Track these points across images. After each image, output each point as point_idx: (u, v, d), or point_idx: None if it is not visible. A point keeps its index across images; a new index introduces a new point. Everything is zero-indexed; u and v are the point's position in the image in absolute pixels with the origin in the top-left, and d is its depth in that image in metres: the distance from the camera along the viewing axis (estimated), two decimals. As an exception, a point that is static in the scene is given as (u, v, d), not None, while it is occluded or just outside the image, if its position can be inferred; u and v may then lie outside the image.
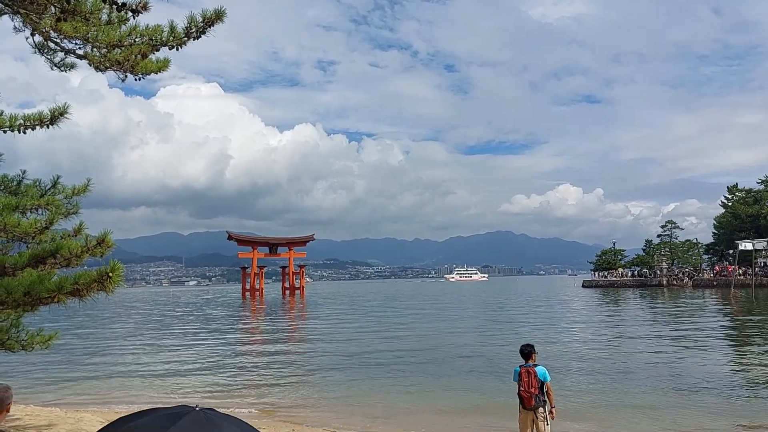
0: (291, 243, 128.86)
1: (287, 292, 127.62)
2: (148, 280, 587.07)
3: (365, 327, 40.13)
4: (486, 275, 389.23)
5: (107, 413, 14.03)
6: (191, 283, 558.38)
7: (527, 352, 8.90)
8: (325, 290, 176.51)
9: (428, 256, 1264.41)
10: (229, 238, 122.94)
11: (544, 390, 8.60)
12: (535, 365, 8.75)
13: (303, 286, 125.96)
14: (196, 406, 3.54)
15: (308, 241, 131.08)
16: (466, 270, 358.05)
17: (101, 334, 42.07)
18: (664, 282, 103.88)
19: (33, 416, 13.34)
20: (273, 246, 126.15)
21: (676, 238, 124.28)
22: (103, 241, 7.10)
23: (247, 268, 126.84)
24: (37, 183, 9.27)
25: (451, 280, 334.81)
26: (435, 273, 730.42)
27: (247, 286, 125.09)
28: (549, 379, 8.69)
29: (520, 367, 8.83)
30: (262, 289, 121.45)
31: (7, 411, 4.32)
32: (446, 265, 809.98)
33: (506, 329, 35.76)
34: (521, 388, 8.64)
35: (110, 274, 6.05)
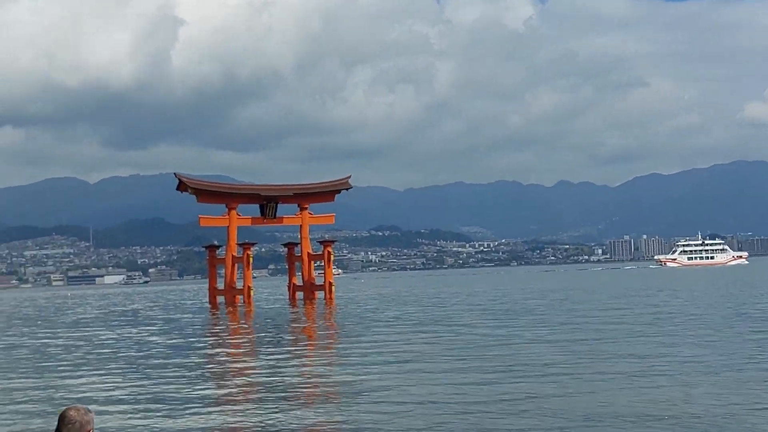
0: (305, 196, 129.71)
1: (299, 294, 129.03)
2: (22, 274, 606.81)
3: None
4: (745, 254, 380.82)
5: None
6: (109, 279, 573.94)
7: None
8: (378, 290, 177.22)
9: (590, 219, 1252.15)
10: (181, 187, 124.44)
11: None
12: None
13: (331, 283, 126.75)
14: None
15: (339, 192, 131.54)
16: (702, 244, 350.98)
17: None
18: None
19: None
20: (269, 202, 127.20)
21: None
22: None
23: (217, 247, 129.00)
24: None
25: (667, 264, 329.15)
26: (604, 251, 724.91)
27: (220, 284, 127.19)
28: None
29: None
30: (250, 289, 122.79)
31: None
32: (627, 236, 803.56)
33: None
34: None
35: None
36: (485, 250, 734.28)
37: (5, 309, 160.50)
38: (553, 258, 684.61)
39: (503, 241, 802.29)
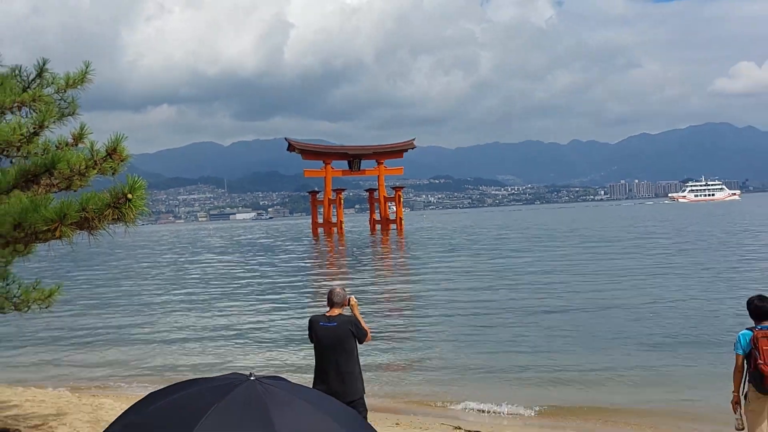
0: (381, 154, 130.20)
1: (377, 226, 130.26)
2: (176, 213, 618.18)
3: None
4: (737, 192, 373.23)
5: (132, 398, 15.13)
6: (239, 216, 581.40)
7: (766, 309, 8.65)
8: (436, 223, 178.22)
9: (594, 169, 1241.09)
10: (290, 148, 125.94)
11: None
12: None
13: (401, 218, 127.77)
14: (251, 375, 3.71)
15: (406, 150, 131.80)
16: (705, 185, 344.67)
17: (119, 288, 45.21)
18: None
19: (35, 402, 14.57)
20: (354, 159, 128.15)
21: None
22: (114, 150, 7.35)
23: (317, 192, 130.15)
24: (17, 71, 9.61)
25: (680, 200, 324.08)
26: (606, 193, 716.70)
27: (320, 219, 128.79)
28: None
29: (753, 330, 8.66)
30: (342, 222, 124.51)
31: None
32: (623, 181, 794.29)
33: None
34: (759, 361, 8.48)
35: (129, 196, 6.33)
36: (515, 192, 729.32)
37: (177, 237, 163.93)
38: (566, 198, 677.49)
39: (529, 185, 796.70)
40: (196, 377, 4.09)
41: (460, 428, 13.58)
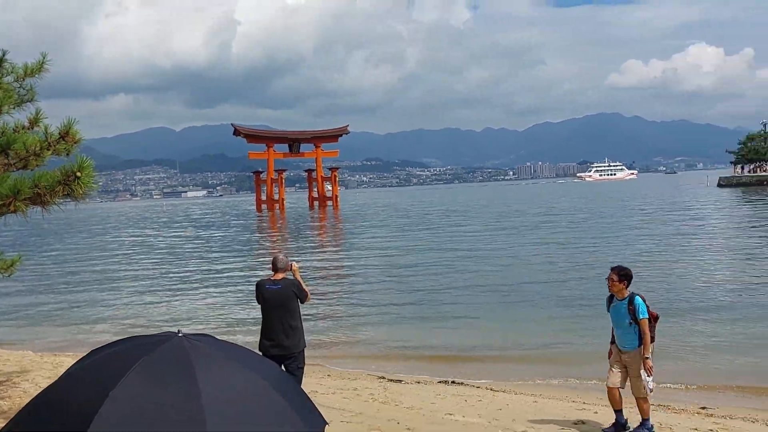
0: (318, 138, 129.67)
1: (315, 203, 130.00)
2: (133, 191, 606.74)
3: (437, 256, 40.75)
4: (635, 172, 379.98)
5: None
6: (191, 194, 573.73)
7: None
8: (367, 200, 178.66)
9: (504, 152, 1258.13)
10: (236, 133, 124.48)
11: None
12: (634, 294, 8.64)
13: (336, 195, 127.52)
14: (179, 331, 3.67)
15: (341, 135, 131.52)
16: (608, 166, 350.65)
17: (76, 259, 44.21)
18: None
19: (1, 361, 14.33)
20: (294, 143, 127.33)
21: None
22: (66, 133, 7.25)
23: (261, 172, 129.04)
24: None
25: (587, 179, 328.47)
26: (514, 174, 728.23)
27: (263, 197, 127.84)
28: (647, 315, 8.50)
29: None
30: (283, 199, 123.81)
31: None
32: (529, 163, 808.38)
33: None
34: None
35: (78, 174, 6.21)
36: (437, 173, 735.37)
37: (128, 214, 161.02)
38: (481, 178, 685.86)
39: (449, 167, 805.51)
40: (134, 335, 4.05)
41: (384, 377, 13.75)
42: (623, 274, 8.60)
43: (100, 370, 3.42)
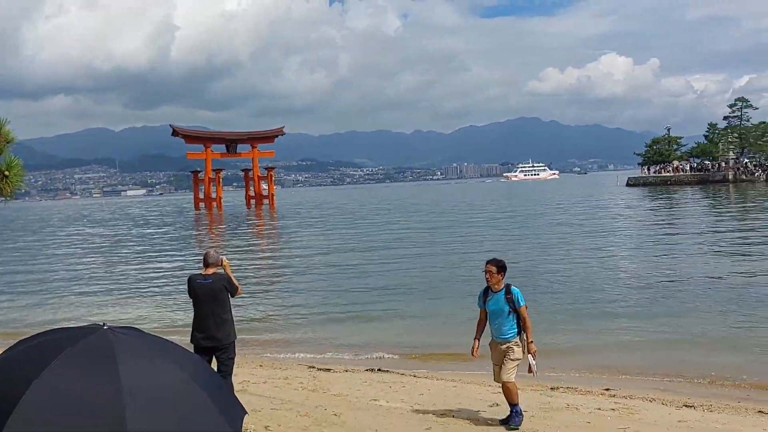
0: (254, 139, 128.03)
1: (252, 201, 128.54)
2: (73, 189, 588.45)
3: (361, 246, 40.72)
4: (557, 172, 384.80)
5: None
6: (130, 192, 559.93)
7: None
8: (302, 198, 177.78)
9: (432, 154, 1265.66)
10: (175, 133, 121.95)
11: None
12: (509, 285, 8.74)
13: (272, 194, 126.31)
14: (104, 324, 3.61)
15: (277, 136, 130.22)
16: (532, 166, 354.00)
17: (10, 255, 42.72)
18: (730, 177, 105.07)
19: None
20: (231, 143, 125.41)
21: (748, 121, 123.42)
22: (-4, 133, 7.00)
23: (199, 172, 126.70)
24: None
25: (513, 179, 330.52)
26: (441, 174, 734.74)
27: (201, 195, 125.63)
28: (524, 303, 8.63)
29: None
30: (220, 198, 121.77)
31: None
32: (455, 164, 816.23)
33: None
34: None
35: (6, 173, 6.03)
36: (370, 173, 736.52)
37: (67, 213, 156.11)
38: (410, 177, 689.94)
39: (380, 167, 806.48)
40: (62, 327, 3.98)
41: (313, 366, 13.73)
42: (501, 266, 8.65)
43: (26, 359, 3.36)
